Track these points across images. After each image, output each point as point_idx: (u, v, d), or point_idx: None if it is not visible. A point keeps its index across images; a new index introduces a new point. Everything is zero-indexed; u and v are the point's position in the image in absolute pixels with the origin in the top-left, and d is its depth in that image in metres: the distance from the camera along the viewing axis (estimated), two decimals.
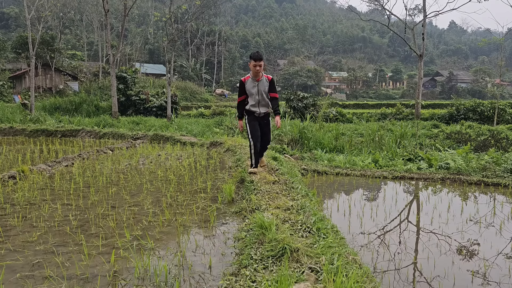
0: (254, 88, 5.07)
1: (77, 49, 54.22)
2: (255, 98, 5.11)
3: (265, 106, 5.20)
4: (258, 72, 4.96)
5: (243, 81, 5.12)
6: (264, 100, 5.15)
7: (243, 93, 5.15)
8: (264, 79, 5.12)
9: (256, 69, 4.92)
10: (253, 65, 4.94)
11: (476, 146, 10.16)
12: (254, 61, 4.92)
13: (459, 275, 3.09)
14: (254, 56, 4.94)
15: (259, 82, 5.08)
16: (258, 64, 4.90)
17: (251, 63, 4.97)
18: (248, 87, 5.10)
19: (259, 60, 4.90)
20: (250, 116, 5.22)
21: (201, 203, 4.59)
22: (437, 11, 27.77)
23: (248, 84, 5.10)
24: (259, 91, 5.08)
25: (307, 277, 2.37)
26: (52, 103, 20.89)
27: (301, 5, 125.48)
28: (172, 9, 19.03)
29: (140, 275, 2.74)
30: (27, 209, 4.30)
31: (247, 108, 5.20)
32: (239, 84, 5.18)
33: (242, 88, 5.14)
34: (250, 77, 5.10)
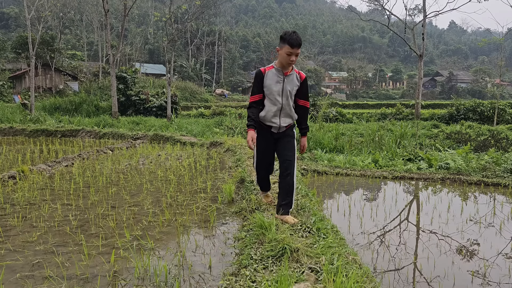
0: (278, 85, 3.32)
1: (77, 49, 54.23)
2: (276, 102, 3.34)
3: (288, 117, 3.44)
4: (292, 63, 3.25)
5: (263, 72, 3.34)
6: (288, 107, 3.39)
7: (260, 90, 3.36)
8: (295, 75, 3.40)
9: (291, 59, 3.20)
10: (286, 53, 3.18)
11: (476, 146, 10.16)
12: (290, 47, 3.15)
13: (459, 275, 3.09)
14: (291, 39, 3.15)
15: (286, 78, 3.33)
16: (295, 53, 3.19)
17: (284, 49, 3.19)
18: (269, 82, 3.31)
19: (297, 46, 3.17)
20: (261, 133, 3.44)
21: (201, 203, 4.59)
22: (437, 11, 27.78)
23: (269, 77, 3.32)
24: (284, 92, 3.33)
25: (307, 277, 2.37)
26: (52, 103, 20.89)
27: (301, 5, 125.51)
28: (172, 9, 19.04)
29: (140, 275, 2.74)
30: (27, 209, 4.29)
31: (260, 117, 3.42)
32: (256, 76, 3.35)
33: (260, 83, 3.33)
34: (274, 67, 3.34)
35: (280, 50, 3.25)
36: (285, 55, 3.21)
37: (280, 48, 3.25)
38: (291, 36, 3.17)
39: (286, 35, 3.21)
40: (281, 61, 3.29)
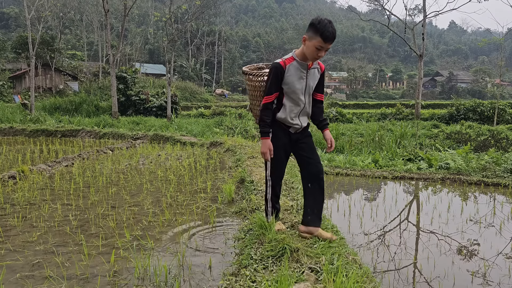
0: (301, 82, 2.79)
1: (77, 49, 54.22)
2: (299, 102, 2.84)
3: (306, 116, 2.97)
4: (318, 58, 2.72)
5: (283, 66, 2.72)
6: (309, 105, 2.93)
7: (278, 88, 2.78)
8: (316, 68, 2.89)
9: (319, 54, 2.65)
10: (316, 46, 2.62)
11: (476, 146, 10.16)
12: (322, 40, 2.59)
13: (459, 275, 3.09)
14: (327, 32, 2.57)
15: (309, 72, 2.82)
16: (326, 48, 2.64)
17: (314, 41, 2.61)
18: (291, 79, 2.75)
19: (331, 41, 2.60)
20: (278, 135, 2.88)
21: (201, 203, 4.59)
22: (437, 11, 27.78)
23: (291, 72, 2.74)
24: (307, 88, 2.84)
25: (307, 277, 2.37)
26: (52, 103, 20.89)
27: (301, 5, 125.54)
28: (172, 9, 19.04)
29: (140, 275, 2.74)
30: (27, 209, 4.30)
31: (280, 118, 2.87)
32: (274, 70, 2.72)
33: (279, 79, 2.74)
34: (296, 60, 2.75)
35: (308, 40, 2.63)
36: (314, 48, 2.62)
37: (309, 38, 2.62)
38: (327, 27, 2.55)
39: (320, 24, 2.56)
40: (306, 53, 2.69)
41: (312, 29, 2.62)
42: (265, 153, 2.80)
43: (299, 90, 2.80)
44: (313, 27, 2.61)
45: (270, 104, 2.79)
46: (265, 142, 2.79)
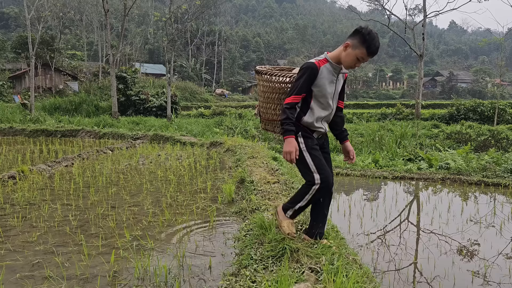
0: (332, 87, 2.66)
1: (77, 49, 54.21)
2: (328, 107, 2.70)
3: (328, 121, 2.83)
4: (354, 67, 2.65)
5: (318, 66, 2.57)
6: (334, 111, 2.80)
7: (308, 90, 2.61)
8: (342, 74, 2.75)
9: (357, 64, 2.57)
10: (358, 56, 2.52)
11: (476, 146, 10.15)
12: (367, 54, 2.51)
13: (459, 275, 3.09)
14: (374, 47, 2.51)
15: (339, 76, 2.70)
16: (366, 60, 2.57)
17: (358, 51, 2.50)
18: (323, 82, 2.60)
19: (374, 54, 2.55)
20: (309, 139, 2.68)
21: (201, 203, 4.58)
22: (437, 11, 27.77)
23: (324, 75, 2.60)
24: (335, 93, 2.72)
25: (307, 277, 2.37)
26: (52, 103, 20.89)
27: (301, 5, 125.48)
28: (172, 9, 19.03)
29: (140, 275, 2.74)
30: (27, 209, 4.29)
31: (305, 122, 2.68)
32: (309, 70, 2.57)
33: (312, 80, 2.58)
34: (329, 62, 2.61)
35: (352, 48, 2.50)
36: (355, 58, 2.52)
37: (353, 46, 2.50)
38: (375, 41, 2.47)
39: (369, 36, 2.46)
40: (343, 59, 2.56)
41: (359, 38, 2.50)
42: (291, 152, 2.52)
43: (329, 95, 2.66)
44: (361, 37, 2.49)
45: (297, 104, 2.61)
46: (290, 140, 2.53)
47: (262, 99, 2.87)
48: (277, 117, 2.79)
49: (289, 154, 2.55)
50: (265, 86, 2.82)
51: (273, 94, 2.79)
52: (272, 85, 2.78)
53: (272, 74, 2.77)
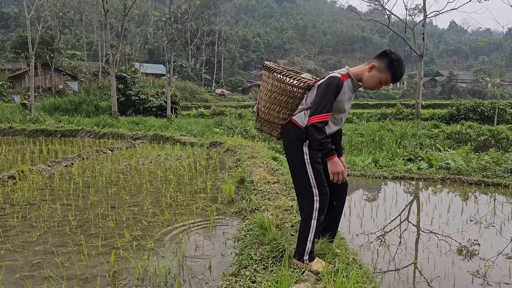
0: (348, 103, 2.59)
1: (76, 49, 54.20)
2: (341, 122, 2.66)
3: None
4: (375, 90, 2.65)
5: (343, 80, 2.50)
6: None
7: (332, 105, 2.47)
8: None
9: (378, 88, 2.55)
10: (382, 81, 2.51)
11: (476, 146, 10.15)
12: (391, 79, 2.51)
13: (459, 275, 3.08)
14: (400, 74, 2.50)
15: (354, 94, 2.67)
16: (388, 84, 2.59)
17: (383, 76, 2.48)
18: (342, 98, 2.52)
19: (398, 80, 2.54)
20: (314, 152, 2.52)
21: (201, 203, 4.58)
22: (437, 11, 27.74)
23: (345, 90, 2.52)
24: (348, 108, 2.65)
25: (307, 277, 2.36)
26: (52, 103, 20.88)
27: (301, 5, 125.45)
28: (172, 9, 19.02)
29: (139, 275, 2.73)
30: (27, 209, 4.29)
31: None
32: (336, 86, 2.45)
33: (336, 95, 2.48)
34: (351, 78, 2.54)
35: (377, 71, 2.47)
36: (379, 81, 2.50)
37: (379, 69, 2.46)
38: (401, 69, 2.46)
39: (397, 62, 2.44)
40: (366, 79, 2.51)
41: (386, 62, 2.46)
42: (341, 173, 2.40)
43: (345, 111, 2.59)
44: (389, 62, 2.46)
45: (327, 122, 2.43)
46: (336, 161, 2.40)
47: (267, 98, 2.70)
48: (279, 120, 2.69)
49: (339, 175, 2.41)
50: (275, 86, 2.64)
51: (282, 96, 2.64)
52: (283, 87, 2.62)
53: (286, 75, 2.61)
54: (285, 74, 2.61)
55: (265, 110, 2.73)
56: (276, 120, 2.70)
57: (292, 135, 2.57)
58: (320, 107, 2.40)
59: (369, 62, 2.54)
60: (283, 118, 2.68)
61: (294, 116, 2.62)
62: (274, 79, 2.64)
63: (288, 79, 2.60)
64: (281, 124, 2.71)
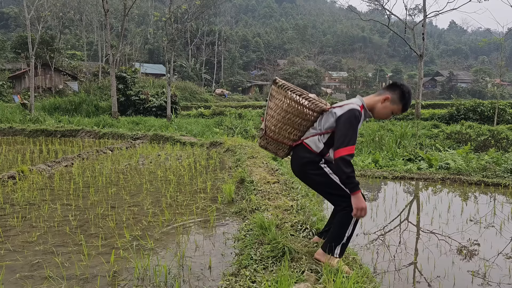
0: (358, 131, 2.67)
1: (76, 49, 54.19)
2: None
3: None
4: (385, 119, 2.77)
5: (361, 111, 2.56)
6: None
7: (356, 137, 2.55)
8: None
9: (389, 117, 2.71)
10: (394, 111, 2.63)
11: (476, 146, 10.15)
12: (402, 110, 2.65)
13: (459, 275, 3.08)
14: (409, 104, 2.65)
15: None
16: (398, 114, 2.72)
17: (395, 107, 2.61)
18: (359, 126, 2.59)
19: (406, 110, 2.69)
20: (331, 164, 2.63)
21: (201, 203, 4.58)
22: (437, 11, 27.75)
23: (361, 120, 2.58)
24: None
25: (307, 277, 2.36)
26: (52, 103, 20.87)
27: (301, 5, 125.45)
28: (172, 9, 19.02)
29: (139, 275, 2.73)
30: (27, 209, 4.29)
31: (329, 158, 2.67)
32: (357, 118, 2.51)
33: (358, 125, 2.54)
34: (365, 108, 2.62)
35: (390, 103, 2.59)
36: (391, 111, 2.62)
37: (392, 101, 2.59)
38: (411, 100, 2.64)
39: (408, 95, 2.59)
40: (379, 110, 2.62)
41: (399, 95, 2.59)
42: (363, 209, 2.41)
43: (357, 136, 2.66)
44: (401, 94, 2.58)
45: (354, 155, 2.48)
46: (360, 196, 2.42)
47: (280, 118, 2.64)
48: (289, 141, 2.70)
49: (362, 211, 2.41)
50: (292, 106, 2.59)
51: (297, 118, 2.61)
52: (300, 109, 2.59)
53: (305, 97, 2.58)
54: (304, 97, 2.59)
55: (276, 129, 2.69)
56: (286, 140, 2.70)
57: (305, 160, 2.60)
58: (347, 140, 2.43)
59: (380, 94, 2.64)
60: (293, 139, 2.69)
61: (306, 139, 2.63)
62: (292, 100, 2.59)
63: (306, 101, 2.57)
64: (289, 145, 2.71)
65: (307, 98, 2.61)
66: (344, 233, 2.51)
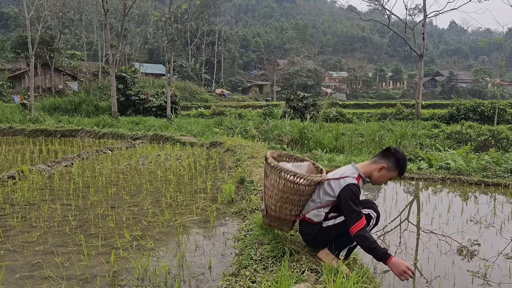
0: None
1: (76, 49, 54.21)
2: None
3: None
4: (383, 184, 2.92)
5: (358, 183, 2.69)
6: None
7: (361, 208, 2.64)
8: None
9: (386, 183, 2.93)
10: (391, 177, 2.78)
11: (476, 146, 10.14)
12: (398, 175, 2.78)
13: (459, 275, 3.08)
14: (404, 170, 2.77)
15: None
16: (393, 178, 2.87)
17: (391, 174, 2.74)
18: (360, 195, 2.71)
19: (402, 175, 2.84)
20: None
21: (201, 203, 4.58)
22: (437, 11, 27.73)
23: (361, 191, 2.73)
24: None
25: (307, 278, 2.36)
26: (52, 103, 20.88)
27: (301, 4, 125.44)
28: (172, 8, 19.02)
29: (139, 275, 2.73)
30: (27, 209, 4.29)
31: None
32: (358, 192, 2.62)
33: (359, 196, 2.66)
34: (362, 178, 2.75)
35: (387, 171, 2.71)
36: (388, 179, 2.77)
37: (388, 169, 2.70)
38: (405, 166, 2.75)
39: (403, 161, 2.70)
40: (376, 178, 2.75)
41: (394, 162, 2.70)
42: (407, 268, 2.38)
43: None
44: (396, 162, 2.70)
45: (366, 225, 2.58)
46: (394, 262, 2.41)
47: (278, 198, 2.68)
48: (291, 217, 2.73)
49: (405, 273, 2.38)
50: (287, 186, 2.62)
51: (294, 195, 2.65)
52: (296, 187, 2.62)
53: (300, 176, 2.59)
54: (299, 176, 2.59)
55: (276, 208, 2.72)
56: (288, 217, 2.74)
57: (313, 233, 2.68)
58: (354, 217, 2.50)
59: (376, 161, 2.74)
60: (295, 214, 2.74)
61: (308, 214, 2.70)
62: (287, 180, 2.62)
63: (301, 180, 2.59)
64: (292, 220, 2.77)
65: (302, 177, 2.61)
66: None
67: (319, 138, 10.50)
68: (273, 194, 2.70)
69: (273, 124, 12.68)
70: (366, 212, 2.65)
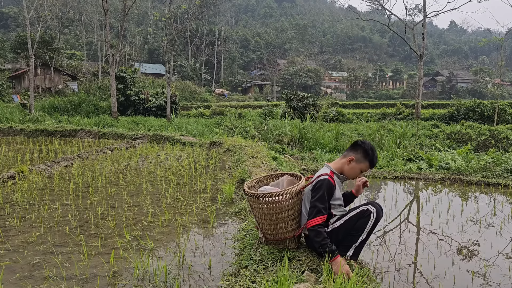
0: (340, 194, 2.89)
1: (76, 49, 54.18)
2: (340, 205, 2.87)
3: None
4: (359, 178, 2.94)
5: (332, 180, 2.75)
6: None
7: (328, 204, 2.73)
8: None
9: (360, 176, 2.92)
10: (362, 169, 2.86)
11: (476, 146, 10.15)
12: (370, 167, 2.87)
13: (459, 275, 3.08)
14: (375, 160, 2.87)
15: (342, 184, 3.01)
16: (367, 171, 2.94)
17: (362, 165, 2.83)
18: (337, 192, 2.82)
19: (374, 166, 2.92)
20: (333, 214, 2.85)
21: (201, 203, 4.58)
22: (437, 11, 27.74)
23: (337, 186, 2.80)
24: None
25: (307, 278, 2.36)
26: (51, 103, 20.87)
27: (301, 4, 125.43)
28: (172, 8, 19.02)
29: (139, 275, 2.73)
30: (26, 209, 4.29)
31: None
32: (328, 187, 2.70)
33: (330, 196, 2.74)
34: (335, 174, 2.83)
35: (356, 163, 2.79)
36: (359, 170, 2.82)
37: (357, 161, 2.78)
38: (375, 156, 2.83)
39: (371, 151, 2.78)
40: (347, 172, 2.83)
41: (362, 153, 2.79)
42: (347, 272, 2.38)
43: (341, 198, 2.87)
44: (364, 152, 2.79)
45: (323, 224, 2.64)
46: (338, 262, 2.44)
47: (269, 221, 2.72)
48: (290, 233, 2.74)
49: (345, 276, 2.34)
50: (271, 208, 2.67)
51: (282, 213, 2.68)
52: (279, 205, 2.66)
53: (277, 194, 2.64)
54: (276, 194, 2.64)
55: (272, 232, 2.76)
56: (287, 235, 2.74)
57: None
58: (315, 211, 2.61)
59: (345, 156, 2.85)
60: (292, 229, 2.74)
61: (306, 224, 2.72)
62: (268, 203, 2.67)
63: (279, 197, 2.63)
64: (293, 236, 2.76)
65: (279, 194, 2.65)
66: (358, 237, 2.66)
67: (319, 138, 10.50)
68: (263, 220, 2.77)
69: (273, 124, 12.69)
70: (365, 208, 2.69)
